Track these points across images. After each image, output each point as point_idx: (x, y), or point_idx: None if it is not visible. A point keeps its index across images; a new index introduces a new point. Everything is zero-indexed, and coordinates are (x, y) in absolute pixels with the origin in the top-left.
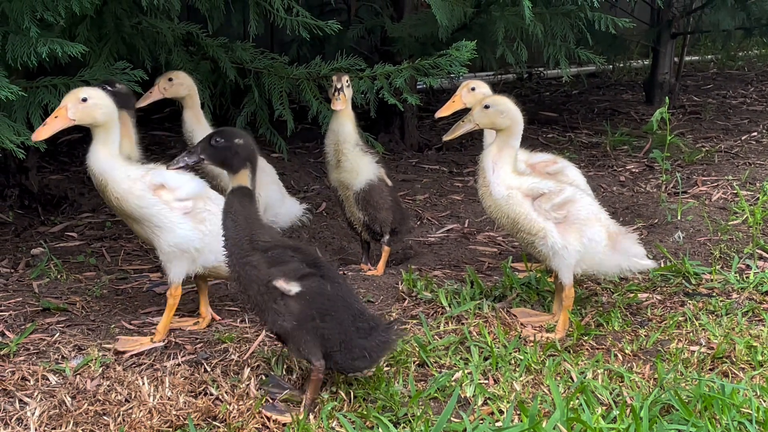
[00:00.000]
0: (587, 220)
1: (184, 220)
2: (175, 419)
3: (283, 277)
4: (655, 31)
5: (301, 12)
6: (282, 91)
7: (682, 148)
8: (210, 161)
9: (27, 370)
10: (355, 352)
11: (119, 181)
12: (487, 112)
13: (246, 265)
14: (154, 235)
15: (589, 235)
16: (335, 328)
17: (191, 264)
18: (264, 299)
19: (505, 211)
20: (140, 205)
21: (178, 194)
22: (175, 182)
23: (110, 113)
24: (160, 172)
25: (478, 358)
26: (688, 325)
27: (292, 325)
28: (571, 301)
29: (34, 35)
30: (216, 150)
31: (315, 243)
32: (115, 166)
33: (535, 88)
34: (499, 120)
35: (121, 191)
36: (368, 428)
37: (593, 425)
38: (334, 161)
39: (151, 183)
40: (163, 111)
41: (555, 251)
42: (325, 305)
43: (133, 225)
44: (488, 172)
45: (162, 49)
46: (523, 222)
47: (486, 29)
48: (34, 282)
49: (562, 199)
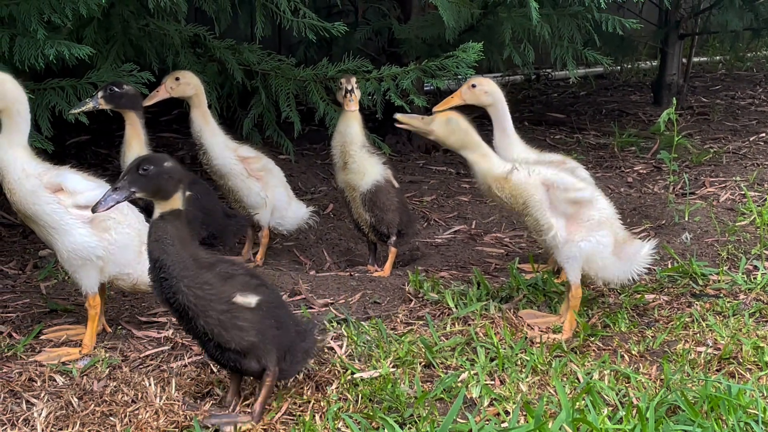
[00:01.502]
0: (599, 223)
1: (82, 225)
2: (182, 420)
3: (239, 292)
4: (663, 32)
5: (308, 14)
6: (289, 93)
7: (690, 149)
8: (142, 193)
9: (34, 371)
10: (297, 356)
11: (13, 172)
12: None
13: (202, 285)
14: (51, 237)
15: (597, 238)
16: (285, 335)
17: (101, 273)
18: (226, 317)
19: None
20: (33, 201)
21: (79, 200)
22: (75, 186)
23: (8, 100)
24: (62, 173)
25: (485, 359)
26: (695, 326)
27: (258, 338)
28: (578, 301)
29: (42, 37)
30: (147, 179)
31: (322, 244)
32: (15, 157)
33: (543, 90)
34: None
35: (14, 184)
36: (374, 429)
37: (599, 426)
38: (341, 162)
39: (50, 182)
40: (170, 113)
41: (556, 245)
42: (276, 313)
43: (32, 225)
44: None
45: (169, 51)
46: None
47: (493, 30)
48: (41, 283)
49: (579, 197)
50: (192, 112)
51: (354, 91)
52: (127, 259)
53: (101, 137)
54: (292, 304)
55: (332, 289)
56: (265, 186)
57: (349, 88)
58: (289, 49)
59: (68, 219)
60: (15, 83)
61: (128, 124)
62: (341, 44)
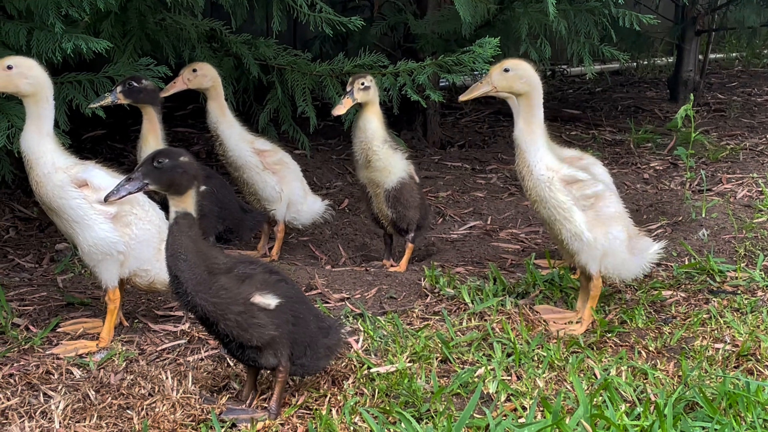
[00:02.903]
0: (613, 218)
1: (105, 220)
2: (199, 413)
3: (257, 291)
4: (680, 28)
5: (325, 8)
6: (305, 88)
7: (707, 146)
8: (155, 185)
9: (51, 364)
10: (320, 352)
11: (43, 166)
12: (506, 75)
13: (218, 291)
14: (73, 231)
15: (614, 233)
16: (305, 330)
17: (121, 267)
18: (243, 318)
19: (543, 193)
20: (59, 195)
21: (102, 196)
22: (100, 183)
23: (37, 85)
24: (88, 169)
25: (501, 354)
26: (712, 322)
27: (277, 331)
28: (599, 290)
29: (59, 31)
30: (161, 171)
31: (337, 239)
32: (45, 150)
33: (559, 86)
34: (518, 84)
35: (42, 177)
36: (391, 423)
37: (617, 422)
38: (363, 160)
39: (75, 177)
40: (186, 108)
41: (583, 242)
42: (296, 309)
43: (54, 218)
44: (526, 152)
45: (185, 46)
46: (558, 209)
47: (509, 26)
48: (58, 277)
49: (593, 192)
50: (209, 104)
51: (352, 94)
52: (146, 255)
53: (117, 132)
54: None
55: (348, 284)
56: (280, 180)
57: (348, 89)
58: (304, 45)
59: (92, 214)
60: (42, 69)
61: (145, 118)
62: (357, 39)
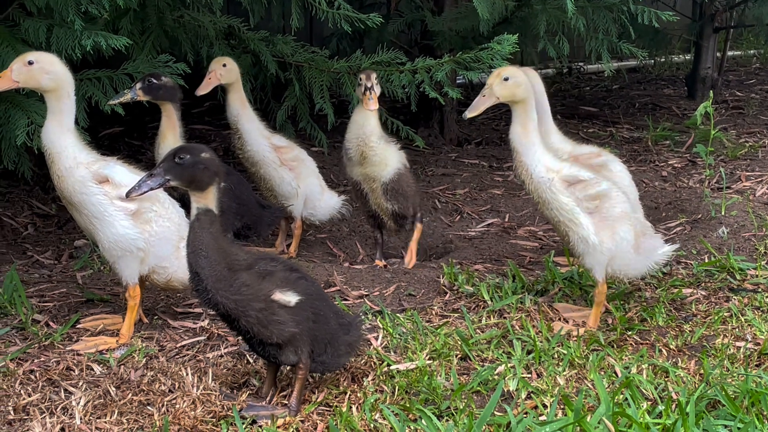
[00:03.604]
0: (619, 218)
1: (125, 217)
2: (219, 410)
3: (278, 288)
4: (698, 25)
5: (343, 5)
6: (322, 85)
7: (726, 143)
8: (176, 181)
9: (71, 359)
10: (340, 349)
11: (65, 160)
12: (507, 84)
13: (239, 288)
14: (94, 227)
15: (621, 234)
16: (325, 327)
17: (141, 264)
18: (264, 314)
19: (544, 195)
20: (80, 190)
21: (123, 192)
22: (121, 179)
23: (58, 80)
24: (109, 165)
25: (521, 352)
26: (733, 320)
27: (298, 328)
28: (603, 296)
29: (79, 28)
30: (183, 168)
31: (355, 237)
32: (67, 144)
33: (576, 83)
34: (519, 92)
35: (64, 172)
36: (411, 421)
37: (639, 420)
38: (357, 156)
39: (97, 173)
40: (203, 105)
41: (589, 245)
42: (316, 306)
43: (74, 213)
44: (523, 156)
45: (204, 43)
46: (562, 210)
47: (527, 23)
48: (77, 273)
49: (597, 192)
50: (230, 97)
51: (374, 89)
52: (165, 252)
53: (135, 129)
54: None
55: (366, 281)
56: (297, 176)
57: (368, 85)
58: (321, 41)
59: (112, 210)
60: (63, 64)
61: (164, 115)
62: (374, 36)
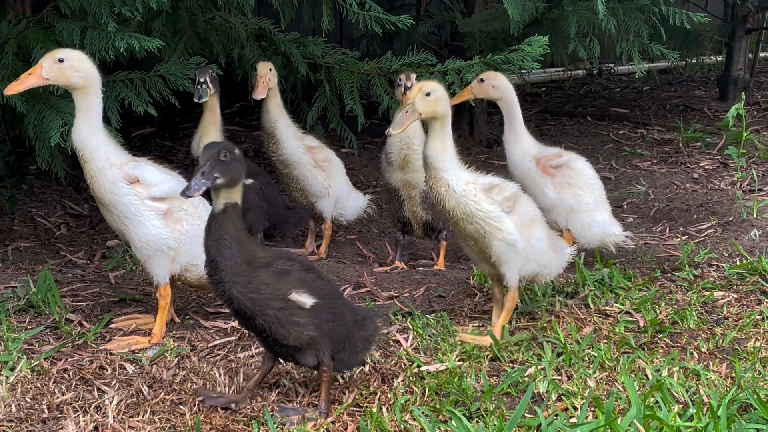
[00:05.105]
0: (534, 221)
1: (156, 217)
2: (250, 410)
3: (295, 288)
4: (730, 27)
5: (374, 7)
6: (353, 86)
7: (757, 145)
8: (223, 179)
9: (105, 359)
10: (357, 345)
11: (98, 160)
12: (428, 100)
13: (258, 286)
14: (125, 227)
15: (537, 234)
16: (341, 325)
17: (172, 263)
18: (284, 314)
19: (467, 208)
20: (112, 191)
21: (153, 192)
22: (152, 179)
23: (88, 78)
24: (140, 166)
25: (551, 353)
26: (765, 323)
27: (317, 332)
28: (515, 302)
29: (112, 30)
30: (227, 165)
31: (384, 238)
32: (99, 144)
33: (606, 84)
34: (440, 108)
35: (97, 172)
36: (441, 422)
37: (670, 423)
38: (399, 160)
39: (128, 174)
40: (233, 106)
41: (515, 248)
42: (333, 305)
43: (105, 213)
44: (443, 172)
45: (235, 44)
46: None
47: (558, 24)
48: (110, 273)
49: (512, 193)
50: (268, 102)
51: None
52: (196, 251)
53: (165, 129)
54: (357, 297)
55: (396, 283)
56: (327, 176)
57: (408, 85)
58: (351, 43)
59: (143, 210)
60: (91, 62)
61: (207, 109)
62: (404, 38)
